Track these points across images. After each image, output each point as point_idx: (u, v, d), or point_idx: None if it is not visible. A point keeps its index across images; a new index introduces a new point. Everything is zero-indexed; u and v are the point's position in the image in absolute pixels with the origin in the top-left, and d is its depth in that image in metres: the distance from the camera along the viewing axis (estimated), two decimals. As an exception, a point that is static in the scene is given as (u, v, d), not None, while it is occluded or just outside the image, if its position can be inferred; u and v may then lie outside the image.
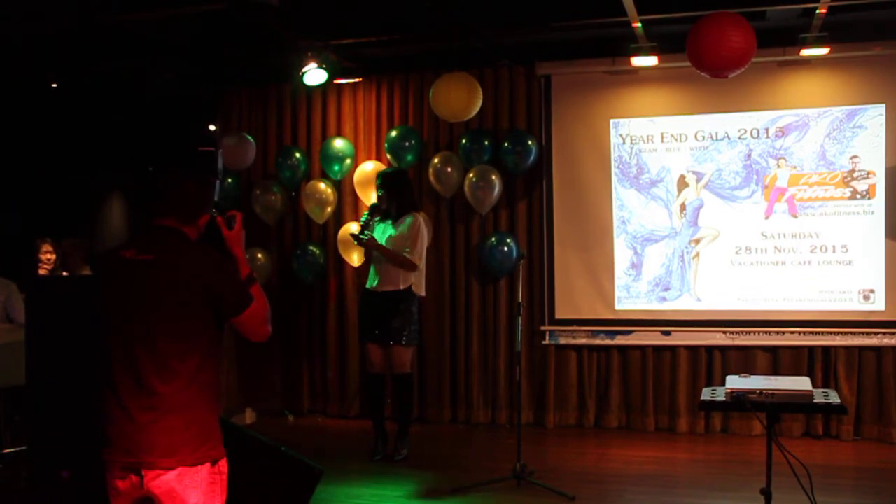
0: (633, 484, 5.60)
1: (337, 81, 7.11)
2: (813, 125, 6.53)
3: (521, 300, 5.52)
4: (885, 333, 6.39)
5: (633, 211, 6.89)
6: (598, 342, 6.97)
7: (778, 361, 6.60)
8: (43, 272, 6.79)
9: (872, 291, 6.44)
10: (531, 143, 6.90)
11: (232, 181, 7.59)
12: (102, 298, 2.70)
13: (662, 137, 6.82)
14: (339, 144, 7.31)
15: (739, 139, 6.67)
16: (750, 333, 6.63)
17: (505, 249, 6.92)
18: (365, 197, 7.16)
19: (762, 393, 3.65)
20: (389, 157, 7.15)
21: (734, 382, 3.82)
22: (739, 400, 3.68)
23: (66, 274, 6.84)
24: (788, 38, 6.15)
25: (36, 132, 8.33)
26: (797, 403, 3.72)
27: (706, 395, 3.86)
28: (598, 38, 6.57)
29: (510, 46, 6.92)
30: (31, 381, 3.91)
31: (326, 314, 7.55)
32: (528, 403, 7.03)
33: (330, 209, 7.36)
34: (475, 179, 6.89)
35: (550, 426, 7.00)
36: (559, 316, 7.03)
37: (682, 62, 5.83)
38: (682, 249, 6.80)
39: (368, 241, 5.93)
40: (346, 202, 7.47)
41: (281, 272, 7.61)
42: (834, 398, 3.69)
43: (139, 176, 8.46)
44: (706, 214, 6.75)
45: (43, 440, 3.89)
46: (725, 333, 6.68)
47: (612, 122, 6.91)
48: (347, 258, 7.24)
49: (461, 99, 6.42)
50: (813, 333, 6.50)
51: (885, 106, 6.39)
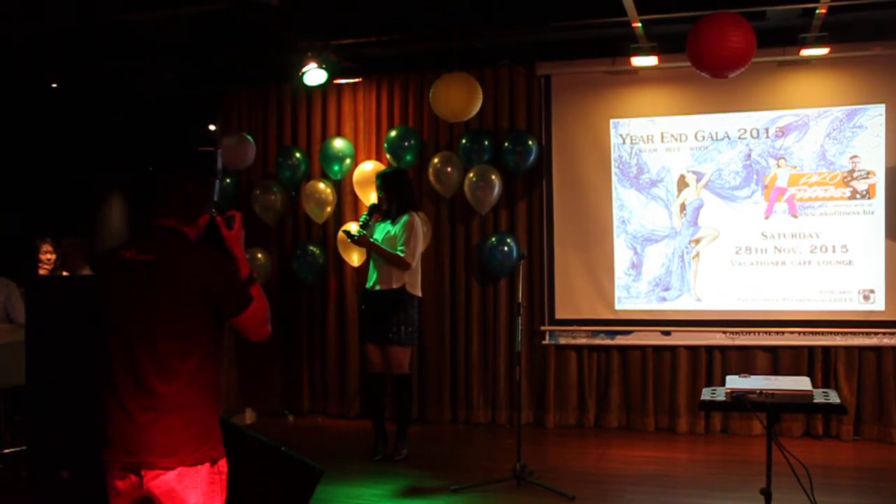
0: (633, 484, 5.60)
1: (337, 81, 7.11)
2: (813, 125, 6.53)
3: (521, 300, 5.52)
4: (885, 333, 6.39)
5: (633, 211, 6.89)
6: (598, 342, 6.97)
7: (778, 361, 6.60)
8: (43, 272, 6.79)
9: (872, 291, 6.44)
10: (531, 143, 6.90)
11: (231, 181, 7.59)
12: (102, 298, 2.70)
13: (662, 137, 6.82)
14: (338, 144, 7.31)
15: (739, 139, 6.67)
16: (750, 333, 6.63)
17: (505, 249, 6.92)
18: (364, 197, 7.16)
19: (762, 393, 3.65)
20: (389, 157, 7.15)
21: (734, 382, 3.81)
22: (739, 400, 3.68)
23: (66, 274, 6.84)
24: (788, 38, 6.15)
25: (36, 132, 8.33)
26: (797, 403, 3.72)
27: (706, 395, 3.86)
28: (598, 38, 6.58)
29: (510, 46, 6.92)
30: (31, 381, 3.91)
31: (326, 314, 7.55)
32: (528, 403, 7.03)
33: (330, 209, 7.36)
34: (475, 179, 6.89)
35: (550, 426, 7.00)
36: (559, 316, 7.03)
37: (682, 62, 5.84)
38: (682, 249, 6.80)
39: (360, 238, 5.93)
40: (345, 202, 7.47)
41: (281, 272, 7.61)
42: (834, 398, 3.69)
43: (139, 176, 8.47)
44: (706, 214, 6.75)
45: (43, 440, 3.89)
46: (725, 333, 6.68)
47: (612, 122, 6.91)
48: (347, 258, 7.24)
49: (461, 99, 6.43)
50: (813, 333, 6.51)
51: (885, 106, 6.39)
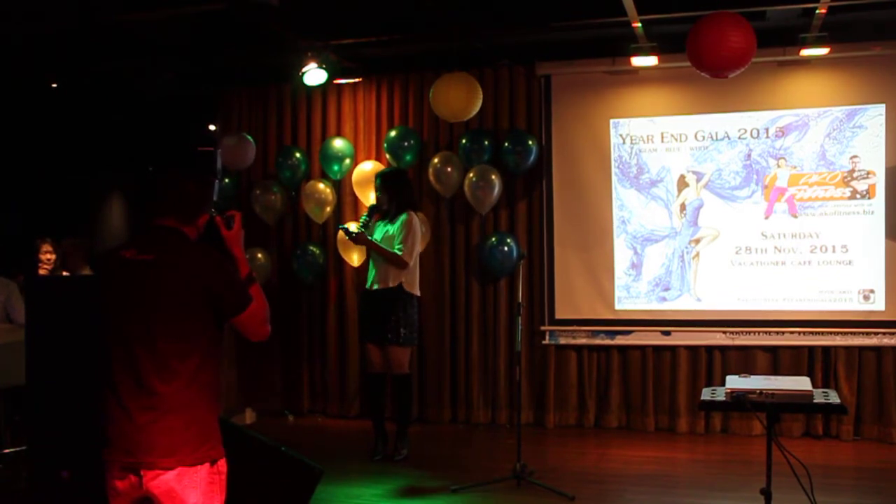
0: (633, 484, 5.60)
1: (337, 81, 7.11)
2: (813, 125, 6.53)
3: (521, 300, 5.52)
4: (885, 333, 6.39)
5: (633, 211, 6.89)
6: (598, 342, 6.97)
7: (778, 361, 6.60)
8: (43, 272, 6.79)
9: (872, 291, 6.44)
10: (531, 143, 6.90)
11: (230, 181, 7.59)
12: (102, 298, 2.70)
13: (662, 137, 6.82)
14: (338, 144, 7.31)
15: (739, 139, 6.67)
16: (750, 333, 6.63)
17: (505, 249, 6.92)
18: (364, 197, 7.16)
19: (762, 393, 3.65)
20: (389, 157, 7.15)
21: (734, 382, 3.81)
22: (739, 400, 3.68)
23: (66, 274, 6.84)
24: (788, 38, 6.15)
25: (36, 132, 8.33)
26: (797, 403, 3.72)
27: (706, 395, 3.85)
28: (598, 38, 6.58)
29: (510, 46, 6.92)
30: (31, 381, 3.91)
31: (326, 314, 7.55)
32: (528, 403, 7.03)
33: (329, 209, 7.36)
34: (475, 179, 6.89)
35: (550, 426, 7.00)
36: (559, 316, 7.03)
37: (682, 62, 5.83)
38: (682, 249, 6.80)
39: (359, 235, 5.93)
40: (345, 202, 7.47)
41: (281, 272, 7.61)
42: (834, 398, 3.68)
43: (139, 176, 8.47)
44: (706, 214, 6.75)
45: (43, 440, 3.89)
46: (725, 333, 6.68)
47: (612, 122, 6.91)
48: (347, 258, 7.24)
49: (461, 99, 6.43)
50: (813, 333, 6.50)
51: (885, 106, 6.39)
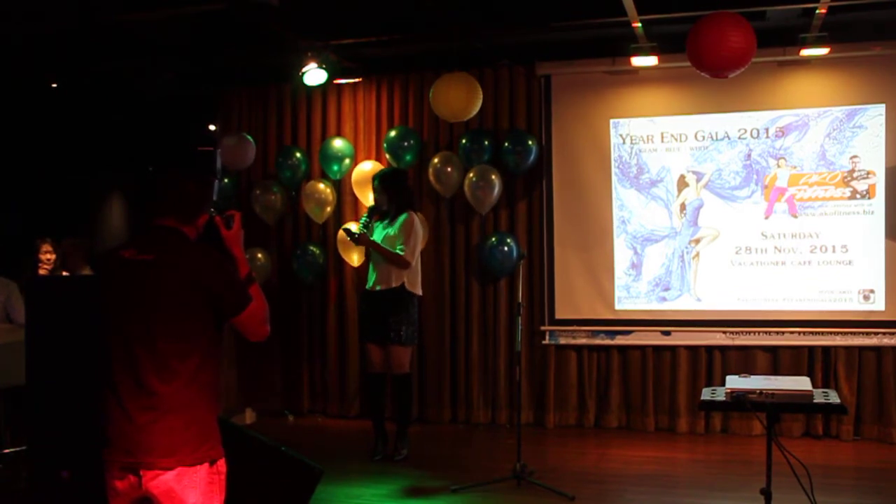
0: (633, 484, 5.60)
1: (337, 81, 7.11)
2: (813, 125, 6.53)
3: (521, 300, 5.52)
4: (885, 333, 6.39)
5: (633, 211, 6.88)
6: (598, 342, 6.97)
7: (778, 361, 6.60)
8: (43, 272, 6.79)
9: (872, 291, 6.44)
10: (531, 143, 6.90)
11: (230, 181, 7.59)
12: (102, 298, 2.70)
13: (662, 137, 6.82)
14: (338, 144, 7.31)
15: (739, 139, 6.67)
16: (750, 333, 6.63)
17: (505, 249, 6.91)
18: (363, 197, 7.16)
19: (762, 393, 3.65)
20: (389, 157, 7.15)
21: (734, 382, 3.81)
22: (739, 400, 3.68)
23: (66, 274, 6.84)
24: (788, 38, 6.15)
25: (36, 132, 8.33)
26: (797, 403, 3.72)
27: (706, 395, 3.85)
28: (598, 38, 6.57)
29: (510, 46, 6.92)
30: (31, 381, 3.91)
31: (326, 314, 7.55)
32: (528, 403, 7.03)
33: (330, 209, 7.36)
34: (475, 179, 6.89)
35: (550, 426, 7.00)
36: (559, 316, 7.03)
37: (682, 62, 5.84)
38: (682, 249, 6.80)
39: (361, 236, 5.93)
40: (345, 202, 7.47)
41: (281, 272, 7.61)
42: (834, 398, 3.68)
43: (139, 176, 8.46)
44: (706, 214, 6.75)
45: (43, 440, 3.89)
46: (725, 333, 6.68)
47: (612, 122, 6.91)
48: (347, 258, 7.23)
49: (461, 99, 6.43)
50: (813, 333, 6.50)
51: (885, 106, 6.39)
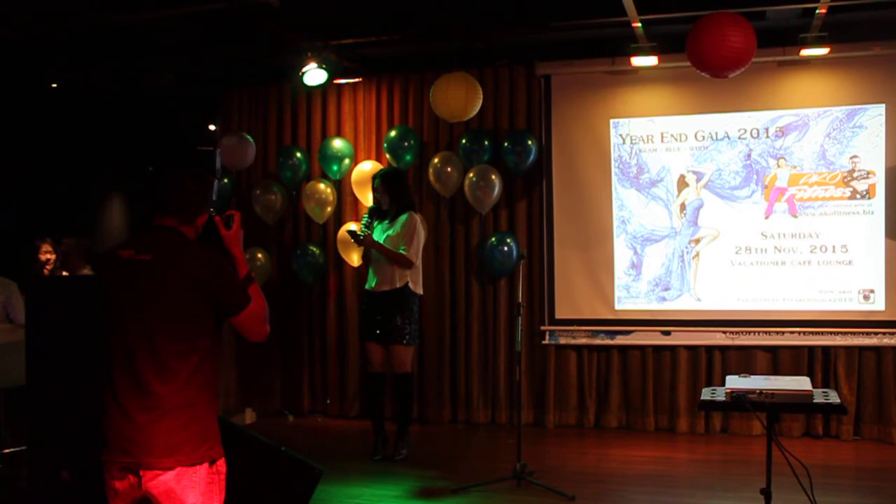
0: (633, 484, 5.60)
1: (337, 81, 7.12)
2: (813, 125, 6.53)
3: (521, 300, 5.52)
4: (885, 333, 6.39)
5: (633, 211, 6.88)
6: (598, 342, 6.97)
7: (778, 361, 6.60)
8: (43, 272, 6.78)
9: (872, 291, 6.44)
10: (531, 142, 6.90)
11: (229, 181, 7.59)
12: (101, 298, 2.70)
13: (662, 137, 6.82)
14: (337, 144, 7.31)
15: (739, 139, 6.67)
16: (750, 333, 6.62)
17: (505, 249, 6.91)
18: (363, 197, 7.16)
19: (762, 393, 3.64)
20: (389, 157, 7.14)
21: (734, 382, 3.81)
22: (739, 400, 3.67)
23: (66, 274, 6.84)
24: (788, 38, 6.15)
25: (36, 132, 8.33)
26: (797, 403, 3.72)
27: (706, 395, 3.85)
28: (598, 38, 6.57)
29: (510, 46, 6.92)
30: (31, 381, 3.91)
31: (326, 314, 7.55)
32: (528, 403, 7.03)
33: (330, 209, 7.36)
34: (475, 179, 6.89)
35: (550, 426, 7.00)
36: (559, 316, 7.03)
37: (682, 62, 5.84)
38: (682, 249, 6.80)
39: (366, 238, 5.93)
40: (346, 202, 7.47)
41: (281, 272, 7.61)
42: (834, 398, 3.68)
43: (139, 176, 8.46)
44: (706, 214, 6.75)
45: (43, 440, 3.89)
46: (725, 333, 6.67)
47: (612, 122, 6.91)
48: (347, 258, 7.23)
49: (461, 99, 6.43)
50: (813, 333, 6.50)
51: (885, 106, 6.39)
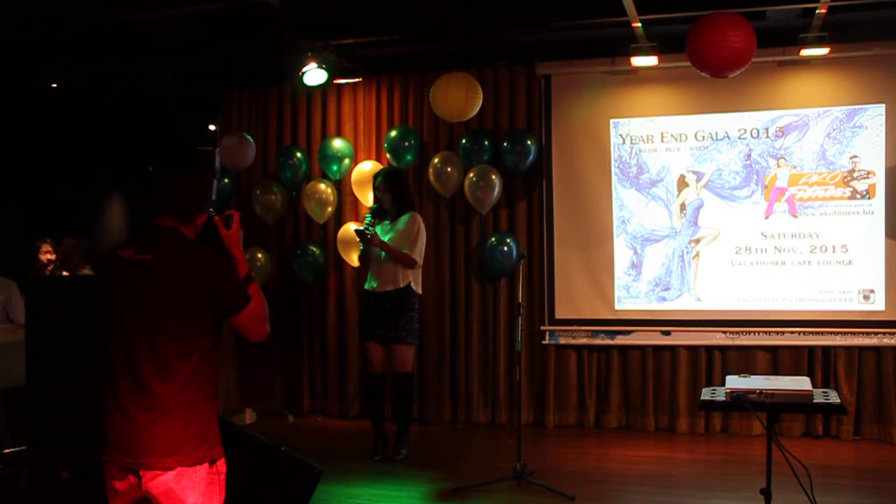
0: (633, 484, 5.60)
1: (337, 81, 7.12)
2: (813, 125, 6.53)
3: (521, 300, 5.52)
4: (885, 333, 6.39)
5: (633, 211, 6.88)
6: (598, 342, 6.97)
7: (778, 361, 6.60)
8: (43, 272, 6.78)
9: (872, 291, 6.44)
10: (531, 143, 6.90)
11: (229, 181, 7.59)
12: (101, 298, 2.70)
13: (662, 137, 6.82)
14: (337, 144, 7.31)
15: (739, 139, 6.67)
16: (750, 333, 6.62)
17: (505, 249, 6.91)
18: (363, 197, 7.16)
19: (762, 393, 3.64)
20: (389, 157, 7.14)
21: (734, 382, 3.81)
22: (739, 400, 3.67)
23: (66, 274, 6.84)
24: (788, 38, 6.16)
25: (36, 132, 8.34)
26: (797, 403, 3.71)
27: (706, 395, 3.85)
28: (598, 38, 6.57)
29: (510, 46, 6.92)
30: (31, 381, 3.91)
31: (326, 314, 7.55)
32: (528, 403, 7.03)
33: (330, 209, 7.36)
34: (475, 179, 6.89)
35: (550, 426, 7.00)
36: (559, 316, 7.03)
37: (682, 62, 5.84)
38: (682, 249, 6.80)
39: (372, 237, 5.92)
40: (346, 202, 7.47)
41: (281, 272, 7.61)
42: (834, 398, 3.68)
43: (139, 176, 8.46)
44: (706, 214, 6.75)
45: (43, 440, 3.89)
46: (725, 333, 6.67)
47: (612, 122, 6.91)
48: (347, 258, 7.23)
49: (461, 99, 6.43)
50: (813, 333, 6.50)
51: (885, 106, 6.39)
